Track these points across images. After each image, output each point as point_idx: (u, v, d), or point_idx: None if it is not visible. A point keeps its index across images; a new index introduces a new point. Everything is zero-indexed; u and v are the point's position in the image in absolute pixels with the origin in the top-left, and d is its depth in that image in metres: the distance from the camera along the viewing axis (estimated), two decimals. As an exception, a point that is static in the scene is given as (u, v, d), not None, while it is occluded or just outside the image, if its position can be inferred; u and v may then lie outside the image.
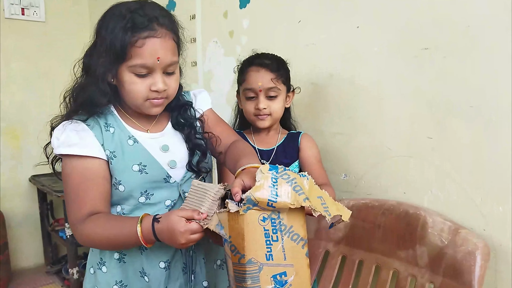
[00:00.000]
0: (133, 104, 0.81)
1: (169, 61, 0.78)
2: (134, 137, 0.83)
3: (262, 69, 1.08)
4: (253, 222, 0.64)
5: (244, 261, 0.65)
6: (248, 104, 1.11)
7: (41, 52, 2.35)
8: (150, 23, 0.76)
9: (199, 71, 1.80)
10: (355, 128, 1.23)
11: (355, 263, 1.13)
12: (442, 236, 0.97)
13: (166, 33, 0.78)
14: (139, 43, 0.75)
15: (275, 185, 0.64)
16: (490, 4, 0.92)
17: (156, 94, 0.79)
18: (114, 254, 0.85)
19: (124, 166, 0.80)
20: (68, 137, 0.78)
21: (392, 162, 1.14)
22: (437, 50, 1.02)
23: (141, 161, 0.82)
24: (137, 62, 0.76)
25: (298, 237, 0.68)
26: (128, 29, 0.74)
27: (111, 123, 0.83)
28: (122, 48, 0.75)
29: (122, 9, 0.77)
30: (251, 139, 1.17)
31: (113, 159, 0.80)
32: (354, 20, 1.19)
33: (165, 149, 0.85)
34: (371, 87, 1.17)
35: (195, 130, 0.89)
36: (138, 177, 0.81)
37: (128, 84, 0.78)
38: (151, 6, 0.80)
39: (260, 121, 1.11)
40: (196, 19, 1.77)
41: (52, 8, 2.41)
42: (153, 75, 0.78)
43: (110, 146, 0.81)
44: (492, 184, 0.95)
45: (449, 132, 1.02)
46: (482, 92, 0.95)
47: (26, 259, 2.44)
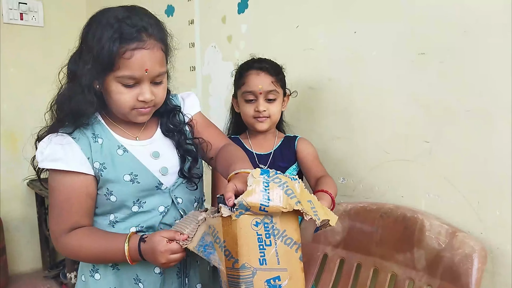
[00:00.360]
0: (120, 112, 0.80)
1: (157, 72, 0.77)
2: (123, 146, 0.82)
3: (262, 72, 1.10)
4: (246, 227, 0.65)
5: (238, 266, 0.65)
6: (247, 107, 1.12)
7: (39, 57, 2.35)
8: (138, 34, 0.74)
9: (198, 76, 1.81)
10: (353, 132, 1.23)
11: (353, 266, 1.13)
12: (439, 239, 0.98)
13: (155, 44, 0.76)
14: (127, 55, 0.73)
15: (267, 189, 0.64)
16: (486, 9, 0.94)
17: (143, 104, 0.78)
18: None
19: (115, 177, 0.80)
20: (52, 151, 0.77)
21: (390, 166, 1.15)
22: (434, 55, 1.03)
23: (132, 171, 0.81)
24: (124, 73, 0.74)
25: (292, 241, 0.68)
26: (116, 39, 0.73)
27: (98, 134, 0.81)
28: (109, 59, 0.73)
29: (110, 18, 0.75)
30: (247, 144, 1.18)
31: (103, 170, 0.79)
32: (352, 25, 1.20)
33: (156, 156, 0.84)
34: (369, 91, 1.18)
35: (185, 136, 0.89)
36: (130, 186, 0.80)
37: (115, 93, 0.76)
38: (140, 14, 0.78)
39: (259, 124, 1.12)
40: (194, 24, 1.78)
41: (51, 14, 2.42)
42: (140, 85, 0.77)
43: (99, 158, 0.79)
44: (489, 187, 0.96)
45: (446, 136, 1.03)
46: (479, 96, 0.96)
47: (23, 263, 2.43)
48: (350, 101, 1.23)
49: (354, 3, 1.20)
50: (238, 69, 1.17)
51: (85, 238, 0.79)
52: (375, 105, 1.17)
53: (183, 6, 1.82)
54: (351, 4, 1.21)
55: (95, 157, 0.79)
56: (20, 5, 2.31)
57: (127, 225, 0.83)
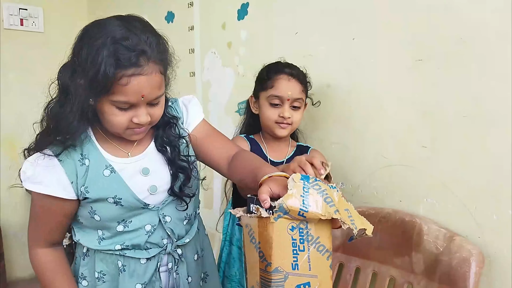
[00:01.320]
0: (113, 132, 0.78)
1: (154, 96, 0.73)
2: (111, 166, 0.79)
3: (293, 79, 1.09)
4: (283, 231, 0.64)
5: (270, 269, 0.64)
6: (271, 110, 1.10)
7: (39, 63, 2.36)
8: (136, 59, 0.68)
9: (197, 81, 1.82)
10: (352, 137, 1.24)
11: (352, 270, 1.14)
12: (437, 243, 0.99)
13: (153, 68, 0.71)
14: (124, 81, 0.68)
15: (306, 195, 0.64)
16: (483, 16, 0.95)
17: (138, 125, 0.75)
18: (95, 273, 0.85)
19: (100, 199, 0.78)
20: (34, 174, 0.76)
21: (388, 171, 1.16)
22: (431, 62, 1.05)
23: (116, 194, 0.78)
24: (120, 98, 0.70)
25: (324, 248, 0.67)
26: (111, 64, 0.67)
27: (86, 154, 0.78)
28: (104, 84, 0.68)
29: (105, 37, 0.68)
30: (263, 147, 1.16)
31: (87, 194, 0.78)
32: (351, 32, 1.22)
33: (145, 173, 0.81)
34: (367, 97, 1.20)
35: (178, 151, 0.84)
36: (113, 208, 0.79)
37: (108, 115, 0.73)
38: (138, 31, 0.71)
39: (280, 129, 1.11)
40: (194, 30, 1.80)
41: (51, 19, 2.43)
42: (136, 108, 0.73)
43: (83, 182, 0.77)
44: (487, 192, 0.97)
45: (443, 141, 1.04)
46: (476, 102, 0.98)
47: (22, 269, 2.41)
48: (348, 107, 1.24)
49: (353, 10, 1.21)
50: (265, 69, 1.15)
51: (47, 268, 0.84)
52: (373, 111, 1.18)
53: (183, 12, 1.84)
54: (350, 11, 1.22)
55: (80, 181, 0.77)
56: (21, 11, 2.32)
57: (112, 242, 0.82)
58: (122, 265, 0.83)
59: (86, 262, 0.86)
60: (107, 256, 0.84)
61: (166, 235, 0.85)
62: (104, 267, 0.84)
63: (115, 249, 0.82)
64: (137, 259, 0.83)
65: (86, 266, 0.85)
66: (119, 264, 0.83)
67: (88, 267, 0.85)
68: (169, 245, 0.86)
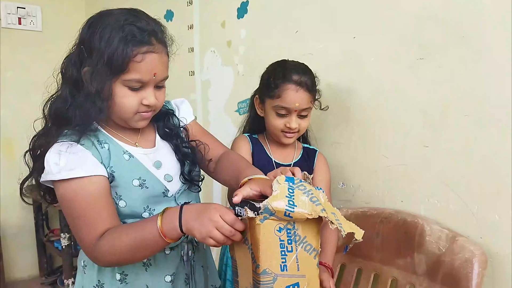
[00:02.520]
0: (122, 117, 0.78)
1: (163, 76, 0.78)
2: (129, 152, 0.81)
3: (300, 89, 1.01)
4: (270, 232, 0.64)
5: (259, 271, 0.64)
6: (277, 120, 1.05)
7: (38, 62, 2.34)
8: (149, 37, 0.74)
9: (197, 81, 1.81)
10: (352, 137, 1.24)
11: (354, 271, 1.13)
12: (439, 244, 0.98)
13: (162, 48, 0.77)
14: (138, 58, 0.73)
15: (291, 195, 0.64)
16: (484, 14, 0.95)
17: (147, 107, 0.78)
18: (116, 275, 0.81)
19: (125, 182, 0.78)
20: (69, 161, 0.73)
21: (389, 170, 1.16)
22: (432, 60, 1.04)
23: (140, 176, 0.80)
24: (133, 76, 0.73)
25: (311, 248, 0.68)
26: (128, 41, 0.71)
27: (103, 140, 0.79)
28: (123, 61, 0.71)
29: (119, 20, 0.73)
30: (267, 149, 1.12)
31: (113, 174, 0.77)
32: (351, 31, 1.21)
33: (157, 166, 0.83)
34: (368, 96, 1.19)
35: (181, 139, 0.88)
36: (140, 192, 0.79)
37: (120, 97, 0.75)
38: (145, 18, 0.77)
39: (286, 138, 1.06)
40: (194, 29, 1.79)
41: (49, 18, 2.42)
42: (145, 89, 0.76)
43: (109, 162, 0.78)
44: (489, 192, 0.96)
45: (445, 141, 1.03)
46: (477, 101, 0.97)
47: (20, 270, 2.40)
48: (349, 106, 1.23)
49: (353, 9, 1.20)
50: (272, 73, 1.06)
51: (114, 235, 0.73)
52: (374, 110, 1.18)
53: (183, 11, 1.82)
54: (350, 10, 1.21)
55: (105, 162, 0.78)
56: (19, 10, 2.31)
57: None
58: (148, 259, 0.82)
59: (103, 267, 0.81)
60: None
61: None
62: (126, 267, 0.81)
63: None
64: (162, 250, 0.82)
65: (104, 272, 0.82)
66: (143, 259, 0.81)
67: (105, 272, 0.82)
68: None
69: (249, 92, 1.20)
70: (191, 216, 0.68)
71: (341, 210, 1.18)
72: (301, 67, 1.06)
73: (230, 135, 1.62)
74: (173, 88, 2.02)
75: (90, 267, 0.83)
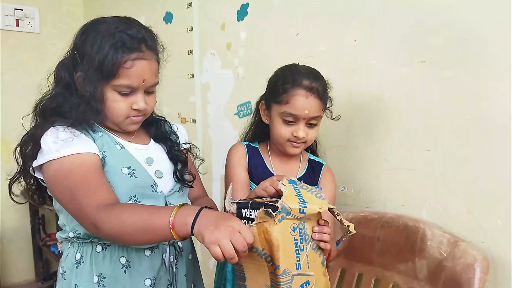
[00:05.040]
0: (113, 120, 0.82)
1: (152, 82, 0.82)
2: (121, 143, 0.84)
3: (311, 95, 0.93)
4: (286, 232, 0.67)
5: (279, 272, 0.65)
6: (284, 128, 0.96)
7: (35, 64, 2.33)
8: (138, 44, 0.78)
9: (196, 83, 1.80)
10: (353, 140, 1.23)
11: (355, 276, 1.12)
12: (441, 248, 0.97)
13: (152, 55, 0.80)
14: (128, 64, 0.76)
15: (299, 194, 0.69)
16: (486, 17, 0.94)
17: (137, 112, 0.81)
18: (94, 278, 0.80)
19: (115, 168, 0.80)
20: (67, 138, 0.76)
21: (390, 174, 1.15)
22: (433, 63, 1.04)
23: (130, 165, 0.82)
24: (123, 82, 0.77)
25: (317, 246, 0.72)
26: (118, 48, 0.75)
27: (96, 129, 0.83)
28: (113, 67, 0.75)
29: (110, 27, 0.77)
30: (268, 162, 1.03)
31: (105, 158, 0.80)
32: (352, 33, 1.21)
33: (149, 162, 0.87)
34: (369, 99, 1.18)
35: (174, 142, 0.93)
36: (128, 180, 0.80)
37: (110, 101, 0.79)
38: (136, 25, 0.81)
39: (293, 148, 0.98)
40: (193, 31, 1.78)
41: (47, 20, 2.41)
42: (135, 94, 0.80)
43: (101, 147, 0.81)
44: (490, 196, 0.96)
45: (446, 144, 1.03)
46: (479, 104, 0.97)
47: (16, 275, 2.38)
48: (349, 109, 1.22)
49: (355, 11, 1.20)
50: (281, 77, 0.98)
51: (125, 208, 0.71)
52: (375, 113, 1.17)
53: (182, 13, 1.82)
54: (351, 12, 1.21)
55: (99, 146, 0.81)
56: (16, 12, 2.30)
57: None
58: (127, 261, 0.81)
59: (81, 270, 0.81)
60: (108, 255, 0.81)
61: None
62: (104, 269, 0.80)
63: None
64: (142, 251, 0.82)
65: (81, 275, 0.81)
66: (122, 261, 0.81)
67: (83, 275, 0.81)
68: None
69: (249, 95, 1.19)
70: (208, 220, 0.63)
71: (342, 214, 1.16)
72: (312, 72, 0.98)
73: (229, 138, 1.61)
74: (172, 91, 2.02)
75: (69, 272, 0.82)
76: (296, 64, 1.01)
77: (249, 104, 1.54)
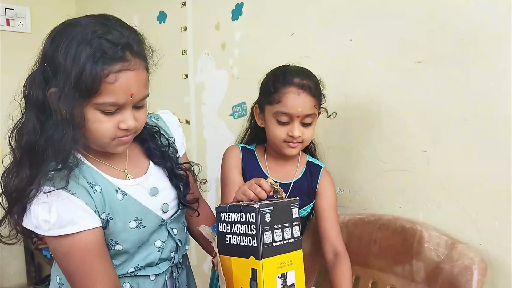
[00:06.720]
0: (98, 144, 0.70)
1: (142, 96, 0.69)
2: (121, 189, 0.74)
3: (303, 92, 0.92)
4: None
5: None
6: (279, 129, 0.95)
7: (26, 65, 2.29)
8: (122, 52, 0.64)
9: (190, 83, 1.78)
10: (350, 141, 1.22)
11: (352, 279, 1.11)
12: (438, 250, 0.96)
13: (140, 63, 0.67)
14: (111, 78, 0.63)
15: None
16: (483, 17, 0.94)
17: (125, 132, 0.69)
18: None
19: (121, 226, 0.73)
20: (59, 217, 0.66)
21: (387, 176, 1.14)
22: (430, 64, 1.03)
23: (137, 215, 0.74)
24: (106, 100, 0.64)
25: None
26: (97, 59, 0.61)
27: (92, 180, 0.71)
28: (93, 83, 0.62)
29: (86, 32, 0.63)
30: (263, 164, 1.02)
31: (110, 221, 0.71)
32: (348, 33, 1.19)
33: (154, 193, 0.78)
34: (365, 100, 1.17)
35: (174, 162, 0.82)
36: (137, 233, 0.74)
37: (92, 122, 0.65)
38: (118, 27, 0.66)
39: (290, 149, 0.96)
40: (187, 31, 1.76)
41: (38, 20, 2.38)
42: (122, 111, 0.67)
43: (104, 208, 0.71)
44: (488, 198, 0.95)
45: (443, 145, 1.02)
46: (476, 105, 0.96)
47: (8, 279, 2.34)
48: (346, 110, 1.21)
49: (350, 11, 1.19)
50: (271, 78, 0.98)
51: None
52: (371, 114, 1.16)
53: (176, 12, 1.80)
54: (347, 12, 1.20)
55: (100, 209, 0.71)
56: (7, 11, 2.27)
57: (126, 266, 0.77)
58: (130, 286, 0.79)
59: None
60: None
61: (174, 247, 0.83)
62: None
63: (127, 272, 0.77)
64: (147, 277, 0.79)
65: None
66: (126, 286, 0.78)
67: None
68: (176, 256, 0.84)
69: (244, 95, 1.18)
70: None
71: (338, 216, 1.16)
72: (303, 70, 0.98)
73: (224, 139, 1.59)
74: (166, 92, 1.99)
75: (67, 285, 0.77)
76: (287, 65, 1.01)
77: (244, 104, 1.52)
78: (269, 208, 0.67)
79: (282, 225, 0.69)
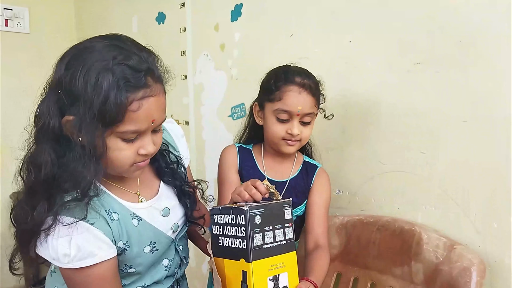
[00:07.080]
0: (116, 170, 0.69)
1: (161, 121, 0.68)
2: (136, 214, 0.74)
3: (304, 91, 0.94)
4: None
5: None
6: (278, 126, 0.96)
7: (25, 65, 2.29)
8: (145, 79, 0.62)
9: (189, 84, 1.78)
10: (348, 142, 1.22)
11: (350, 280, 1.11)
12: (437, 252, 0.96)
13: (160, 88, 0.66)
14: (134, 106, 0.61)
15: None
16: (482, 19, 0.94)
17: (144, 157, 0.68)
18: None
19: (136, 252, 0.73)
20: (79, 251, 0.65)
21: (386, 177, 1.14)
22: (429, 65, 1.03)
23: (151, 239, 0.75)
24: (129, 128, 0.62)
25: None
26: (121, 87, 0.59)
27: (109, 208, 0.70)
28: (117, 113, 0.60)
29: (106, 58, 0.60)
30: (260, 163, 1.03)
31: (127, 250, 0.72)
32: (347, 34, 1.19)
33: (166, 214, 0.78)
34: (364, 101, 1.17)
35: (183, 180, 0.82)
36: (150, 257, 0.75)
37: (113, 151, 0.64)
38: (137, 51, 0.64)
39: (288, 147, 0.97)
40: (186, 31, 1.76)
41: (37, 20, 2.36)
42: (142, 138, 0.66)
43: (122, 237, 0.71)
44: (487, 199, 0.95)
45: (442, 147, 1.02)
46: (475, 106, 0.96)
47: (5, 280, 2.33)
48: (345, 111, 1.21)
49: (349, 12, 1.19)
50: (273, 76, 0.99)
51: None
52: (370, 115, 1.16)
53: (175, 13, 1.79)
54: (346, 13, 1.20)
55: (117, 237, 0.70)
56: (5, 11, 2.25)
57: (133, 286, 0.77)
58: None
59: None
60: None
61: (178, 263, 0.84)
62: None
63: None
64: None
65: None
66: None
67: None
68: (178, 271, 0.85)
69: (243, 96, 1.18)
70: None
71: (337, 217, 1.16)
72: (304, 70, 1.00)
73: (223, 140, 1.59)
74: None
75: None
76: (288, 65, 1.02)
77: (243, 106, 1.52)
78: (259, 210, 0.67)
79: (273, 226, 0.68)
